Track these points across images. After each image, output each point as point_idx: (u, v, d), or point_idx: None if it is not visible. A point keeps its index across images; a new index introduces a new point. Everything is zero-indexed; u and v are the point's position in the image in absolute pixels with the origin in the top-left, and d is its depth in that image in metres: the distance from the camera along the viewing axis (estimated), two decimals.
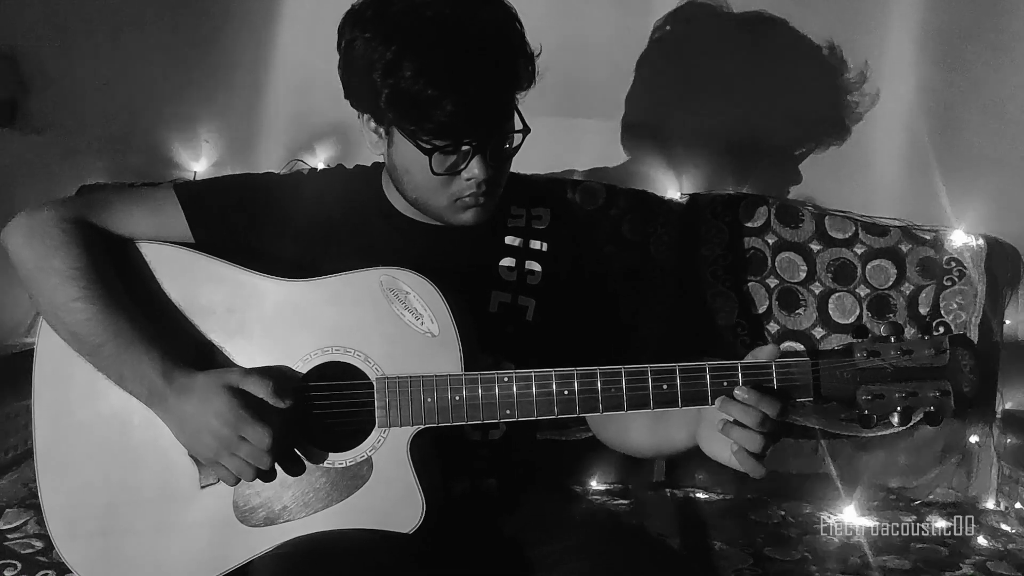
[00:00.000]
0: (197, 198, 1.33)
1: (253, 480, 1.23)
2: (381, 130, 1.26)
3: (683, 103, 2.04)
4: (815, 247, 1.92)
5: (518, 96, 1.23)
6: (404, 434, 1.22)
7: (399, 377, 1.21)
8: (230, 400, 1.19)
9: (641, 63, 1.99)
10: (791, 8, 1.94)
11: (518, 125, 1.25)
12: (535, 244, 1.38)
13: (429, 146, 1.19)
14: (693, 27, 1.98)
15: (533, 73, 1.23)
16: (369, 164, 1.43)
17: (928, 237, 1.90)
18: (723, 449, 1.15)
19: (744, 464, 1.12)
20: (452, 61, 1.14)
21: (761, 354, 1.16)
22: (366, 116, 1.26)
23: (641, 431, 1.30)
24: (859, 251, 1.91)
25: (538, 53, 1.24)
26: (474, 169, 1.21)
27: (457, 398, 1.20)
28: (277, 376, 1.23)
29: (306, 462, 1.24)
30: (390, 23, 1.17)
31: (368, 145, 1.31)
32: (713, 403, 1.15)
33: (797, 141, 2.02)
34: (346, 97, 1.28)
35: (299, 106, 2.08)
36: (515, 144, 1.26)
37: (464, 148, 1.20)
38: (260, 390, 1.20)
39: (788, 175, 2.04)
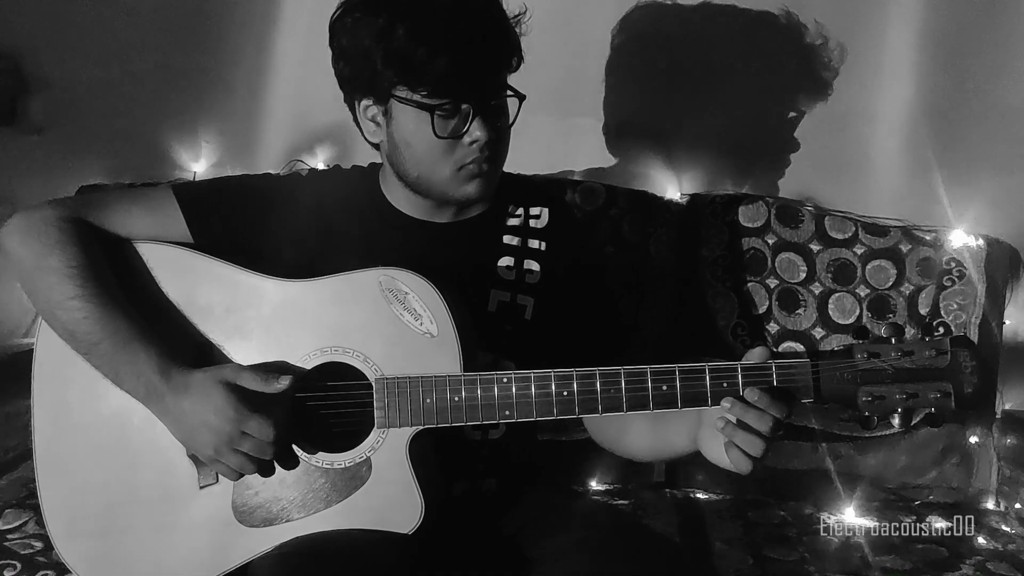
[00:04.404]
0: (196, 199, 1.33)
1: (254, 473, 1.23)
2: (379, 114, 1.27)
3: (682, 102, 2.04)
4: (815, 247, 1.92)
5: (509, 75, 1.27)
6: (403, 435, 1.22)
7: (398, 378, 1.21)
8: (228, 396, 1.20)
9: (627, 63, 1.99)
10: (791, 8, 1.94)
11: (513, 107, 1.27)
12: (533, 243, 1.38)
13: (429, 102, 1.21)
14: (689, 25, 1.98)
15: (519, 47, 1.26)
16: (366, 165, 1.44)
17: (928, 237, 1.90)
18: (719, 451, 1.15)
19: (738, 464, 1.12)
20: (442, 22, 1.19)
21: (752, 356, 1.16)
22: (363, 104, 1.28)
23: (640, 435, 1.30)
24: (859, 251, 1.91)
25: (524, 11, 1.28)
26: (476, 131, 1.23)
27: (456, 399, 1.20)
28: (273, 367, 1.23)
29: (306, 462, 1.24)
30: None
31: (366, 137, 1.32)
32: (712, 404, 1.15)
33: (784, 108, 2.02)
34: (341, 88, 1.30)
35: (298, 107, 2.08)
36: (512, 115, 1.28)
37: (464, 108, 1.22)
38: (254, 382, 1.21)
39: (786, 162, 2.04)
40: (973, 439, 1.90)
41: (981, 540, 1.73)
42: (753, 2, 1.95)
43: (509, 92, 1.26)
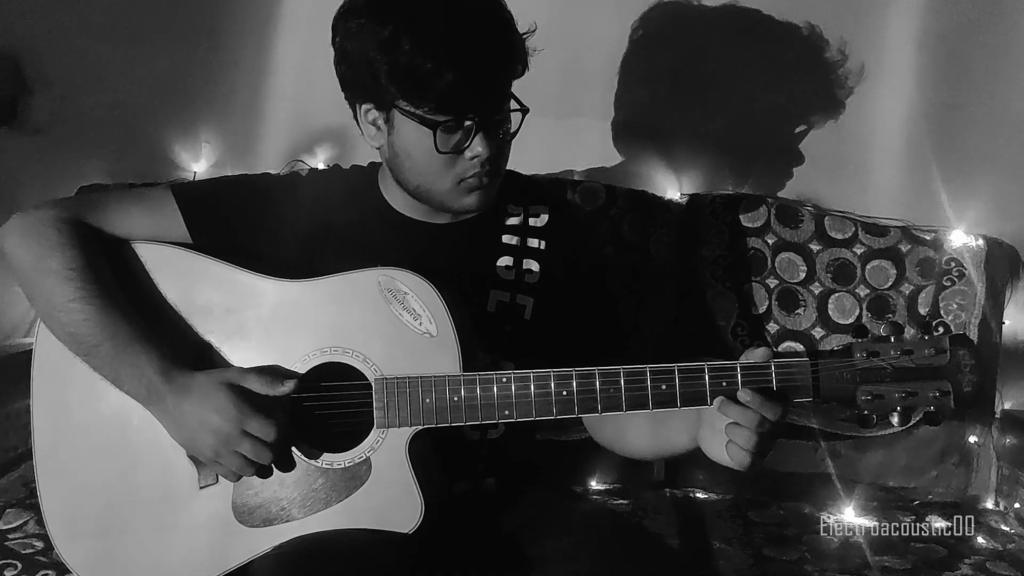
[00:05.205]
0: (195, 199, 1.33)
1: (252, 475, 1.23)
2: (380, 120, 1.26)
3: (688, 103, 2.04)
4: (815, 247, 1.92)
5: (513, 83, 1.25)
6: (403, 435, 1.22)
7: (397, 378, 1.21)
8: (230, 396, 1.20)
9: (637, 62, 1.99)
10: (792, 7, 1.94)
11: (516, 118, 1.26)
12: (533, 242, 1.38)
13: (432, 118, 1.20)
14: (708, 26, 1.98)
15: (526, 56, 1.24)
16: (365, 165, 1.44)
17: (928, 237, 1.90)
18: (719, 447, 1.14)
19: (735, 457, 1.11)
20: (449, 35, 1.17)
21: (753, 356, 1.16)
22: (364, 108, 1.27)
23: (640, 433, 1.30)
24: (859, 251, 1.91)
25: (533, 29, 1.26)
26: (477, 147, 1.22)
27: (455, 398, 1.20)
28: (275, 371, 1.23)
29: (305, 462, 1.24)
30: (384, 6, 1.19)
31: (367, 139, 1.31)
32: (712, 404, 1.15)
33: (793, 123, 2.02)
34: (343, 90, 1.29)
35: (298, 107, 2.08)
36: (515, 127, 1.27)
37: (467, 124, 1.21)
38: (259, 384, 1.21)
39: (788, 174, 2.04)
40: (972, 439, 1.90)
41: (981, 540, 1.73)
42: (776, 10, 1.95)
43: (514, 106, 1.25)
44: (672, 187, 2.03)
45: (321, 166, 1.99)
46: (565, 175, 2.04)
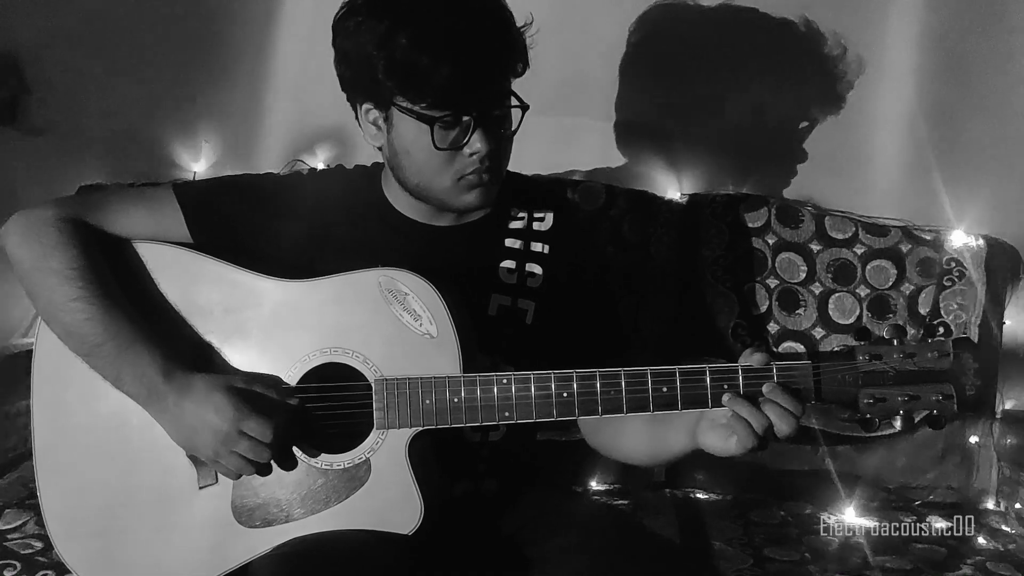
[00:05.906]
0: (196, 198, 1.33)
1: (252, 474, 1.23)
2: (380, 119, 1.26)
3: (690, 103, 2.04)
4: (815, 247, 1.92)
5: (513, 80, 1.25)
6: (402, 436, 1.22)
7: (397, 379, 1.21)
8: (230, 396, 1.20)
9: (636, 63, 1.99)
10: (792, 7, 1.94)
11: (516, 115, 1.26)
12: (536, 246, 1.37)
13: (429, 114, 1.19)
14: (706, 27, 1.97)
15: (526, 54, 1.24)
16: (368, 165, 1.43)
17: (928, 237, 1.90)
18: (720, 439, 1.15)
19: (744, 441, 1.12)
20: (445, 30, 1.17)
21: (751, 359, 1.15)
22: (364, 107, 1.27)
23: (637, 436, 1.29)
24: (859, 251, 1.91)
25: (530, 22, 1.26)
26: (476, 143, 1.22)
27: (456, 400, 1.20)
28: (278, 382, 1.24)
29: (305, 462, 1.24)
30: (382, 3, 1.20)
31: (367, 139, 1.31)
32: (713, 406, 1.15)
33: (795, 120, 2.02)
34: (343, 90, 1.29)
35: (299, 107, 2.08)
36: (515, 124, 1.26)
37: (465, 120, 1.21)
38: (264, 390, 1.21)
39: (791, 171, 2.04)
40: (973, 439, 1.89)
41: (981, 540, 1.73)
42: (773, 7, 1.94)
43: (513, 103, 1.25)
44: (672, 187, 2.02)
45: (321, 166, 2.00)
46: (566, 175, 2.03)
